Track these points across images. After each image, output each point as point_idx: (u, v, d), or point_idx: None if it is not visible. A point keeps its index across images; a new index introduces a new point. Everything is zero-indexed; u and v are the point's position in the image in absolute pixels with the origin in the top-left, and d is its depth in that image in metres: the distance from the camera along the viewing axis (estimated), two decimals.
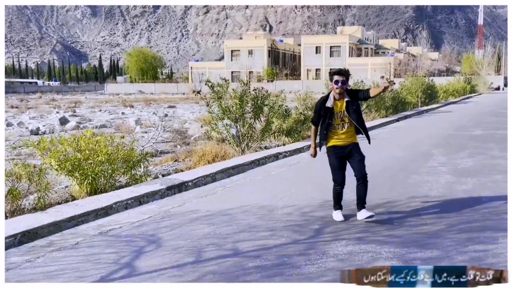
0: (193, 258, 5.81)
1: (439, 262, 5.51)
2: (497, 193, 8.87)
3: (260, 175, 11.21)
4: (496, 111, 30.40)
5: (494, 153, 13.44)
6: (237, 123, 13.78)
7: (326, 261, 5.61)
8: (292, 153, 14.06)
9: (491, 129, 19.62)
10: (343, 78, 7.11)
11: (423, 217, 7.36)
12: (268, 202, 8.50)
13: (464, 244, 6.10)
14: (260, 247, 6.11)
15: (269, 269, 5.40)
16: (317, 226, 6.99)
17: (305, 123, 16.66)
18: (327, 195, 8.75)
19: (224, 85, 13.84)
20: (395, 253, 5.84)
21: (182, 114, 34.48)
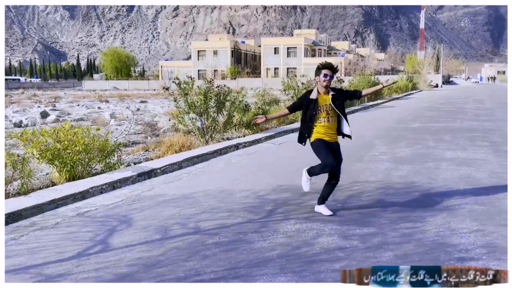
0: (160, 236, 5.96)
1: (374, 238, 5.75)
2: (428, 178, 9.17)
3: (221, 163, 11.35)
4: (433, 106, 30.92)
5: (429, 144, 13.76)
6: (201, 116, 13.87)
7: (277, 237, 5.81)
8: (251, 143, 14.21)
9: (428, 122, 20.02)
10: (332, 73, 6.78)
11: (362, 199, 7.61)
12: (228, 187, 8.65)
13: (396, 222, 6.35)
14: (219, 226, 6.28)
15: (226, 244, 5.58)
16: (270, 208, 7.17)
17: None
18: (280, 181, 9.03)
19: (189, 83, 13.94)
20: (337, 230, 6.07)
21: (153, 108, 34.31)
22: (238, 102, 15.15)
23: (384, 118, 22.73)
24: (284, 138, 15.67)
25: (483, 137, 15.04)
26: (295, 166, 10.45)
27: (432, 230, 6.04)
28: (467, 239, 5.68)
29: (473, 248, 5.38)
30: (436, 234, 5.88)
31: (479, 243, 5.56)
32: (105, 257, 5.28)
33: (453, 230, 6.01)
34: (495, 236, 5.78)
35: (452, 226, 6.19)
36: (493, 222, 6.33)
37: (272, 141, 14.91)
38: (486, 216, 6.61)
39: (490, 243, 5.55)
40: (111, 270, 4.90)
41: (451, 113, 25.19)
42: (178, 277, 4.68)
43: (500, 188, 8.23)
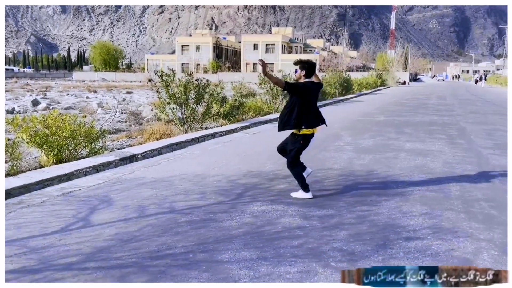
0: (136, 214, 6.12)
1: (332, 219, 5.97)
2: (386, 166, 9.41)
3: (198, 150, 11.49)
4: (399, 102, 31.22)
5: (391, 136, 14.01)
6: (181, 107, 14.02)
7: (244, 217, 6.00)
8: (227, 133, 14.37)
9: (392, 116, 20.29)
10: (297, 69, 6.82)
11: (324, 184, 7.82)
12: (202, 172, 8.81)
13: (353, 205, 6.57)
14: (191, 206, 6.45)
15: (197, 223, 5.76)
16: (240, 191, 7.35)
17: (239, 108, 17.07)
18: (250, 167, 9.21)
19: (171, 75, 14.05)
20: (299, 211, 6.28)
21: (138, 99, 34.32)
22: (216, 94, 15.30)
23: (352, 111, 22.97)
24: (259, 128, 15.85)
25: (441, 131, 15.34)
26: (266, 154, 10.66)
27: (385, 212, 6.27)
28: (416, 221, 5.91)
29: (420, 229, 5.62)
30: (388, 216, 6.11)
31: (426, 224, 5.80)
32: (86, 232, 5.44)
33: (404, 213, 6.24)
34: (441, 219, 6.02)
35: (404, 209, 6.43)
36: (441, 207, 6.57)
37: (247, 131, 15.08)
38: (435, 201, 6.86)
39: (436, 225, 5.79)
40: (90, 244, 5.07)
41: (414, 108, 25.52)
42: (151, 250, 4.86)
43: (451, 177, 8.50)
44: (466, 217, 6.14)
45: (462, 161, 10.09)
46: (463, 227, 5.76)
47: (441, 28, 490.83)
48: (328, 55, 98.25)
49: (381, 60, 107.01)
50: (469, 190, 7.56)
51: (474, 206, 6.66)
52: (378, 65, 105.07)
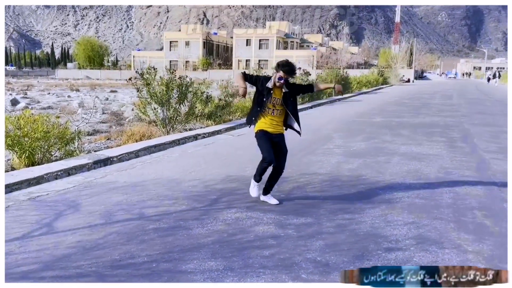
0: (103, 221, 6.23)
1: (309, 227, 6.08)
2: (376, 172, 9.53)
3: (177, 153, 11.61)
4: (399, 101, 31.38)
5: (386, 138, 14.14)
6: (163, 107, 14.14)
7: (215, 224, 6.12)
8: (211, 134, 14.48)
9: (390, 117, 20.44)
10: (287, 76, 6.84)
11: (306, 191, 7.94)
12: (178, 176, 8.94)
13: (335, 213, 6.68)
14: (162, 213, 6.57)
15: (165, 230, 5.88)
16: (215, 197, 7.47)
17: (225, 108, 17.19)
18: (230, 171, 9.34)
19: (152, 73, 14.17)
20: (275, 219, 6.39)
21: (122, 98, 34.57)
22: (200, 93, 15.42)
23: (348, 112, 23.11)
24: (244, 129, 15.92)
25: (442, 133, 15.48)
26: (249, 156, 10.78)
27: (368, 221, 6.38)
28: (400, 231, 6.02)
29: (403, 240, 5.73)
30: (371, 225, 6.23)
31: (411, 234, 5.90)
32: (47, 239, 5.56)
33: (388, 222, 6.36)
34: (428, 229, 6.13)
35: (389, 218, 6.54)
36: (429, 216, 6.68)
37: (231, 133, 15.21)
38: (424, 210, 6.98)
39: (421, 235, 5.89)
40: (50, 252, 5.18)
41: (415, 108, 25.69)
42: (113, 259, 4.97)
43: (445, 183, 8.62)
44: (455, 227, 6.24)
45: (460, 166, 10.22)
46: (451, 237, 5.86)
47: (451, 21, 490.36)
48: (326, 51, 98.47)
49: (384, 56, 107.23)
50: (463, 198, 7.67)
51: (466, 215, 6.76)
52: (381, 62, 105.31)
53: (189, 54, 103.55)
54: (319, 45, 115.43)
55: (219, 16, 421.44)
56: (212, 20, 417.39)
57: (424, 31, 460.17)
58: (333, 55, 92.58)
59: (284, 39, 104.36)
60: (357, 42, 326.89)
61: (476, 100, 33.70)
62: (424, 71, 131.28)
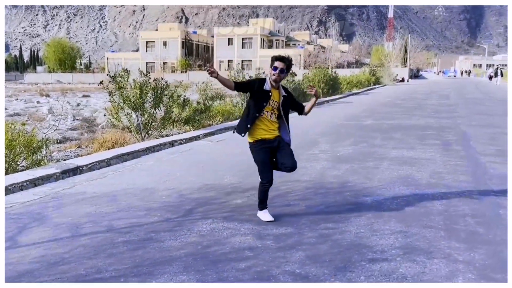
0: (69, 234, 6.30)
1: (289, 238, 6.16)
2: (363, 178, 9.65)
3: (152, 160, 11.68)
4: (392, 102, 31.60)
5: (376, 142, 14.26)
6: (137, 111, 14.18)
7: (189, 236, 6.20)
8: (188, 140, 14.54)
9: (382, 119, 20.58)
10: (283, 66, 6.74)
11: (288, 199, 8.02)
12: (152, 185, 9.02)
13: (317, 223, 6.77)
14: (133, 225, 6.64)
15: (135, 243, 5.95)
16: (190, 207, 7.55)
17: (204, 113, 17.26)
18: (207, 180, 9.40)
19: (124, 76, 14.22)
20: (253, 229, 6.48)
21: (94, 103, 34.55)
22: (176, 96, 15.49)
23: (336, 114, 23.25)
24: (224, 135, 16.04)
25: (436, 135, 15.64)
26: (228, 164, 10.88)
27: (352, 231, 6.47)
28: (386, 241, 6.12)
29: (390, 250, 5.82)
30: (356, 235, 6.32)
31: (398, 244, 6.00)
32: (10, 254, 5.64)
33: (374, 231, 6.45)
34: (416, 238, 6.23)
35: (375, 227, 6.64)
36: (418, 224, 6.78)
37: (210, 138, 15.28)
38: (413, 217, 7.08)
39: (409, 245, 5.99)
40: (12, 267, 5.25)
41: (409, 109, 25.88)
42: (78, 274, 5.04)
43: (437, 189, 8.74)
44: (446, 236, 6.34)
45: (454, 171, 10.34)
46: (441, 246, 5.96)
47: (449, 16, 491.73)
48: (314, 50, 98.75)
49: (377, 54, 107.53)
50: (455, 205, 7.78)
51: (458, 223, 6.87)
52: (373, 60, 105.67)
53: (167, 55, 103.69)
54: (306, 43, 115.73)
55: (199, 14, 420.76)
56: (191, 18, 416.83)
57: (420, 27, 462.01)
58: (321, 53, 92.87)
59: (269, 37, 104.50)
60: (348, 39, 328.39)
61: (475, 100, 33.99)
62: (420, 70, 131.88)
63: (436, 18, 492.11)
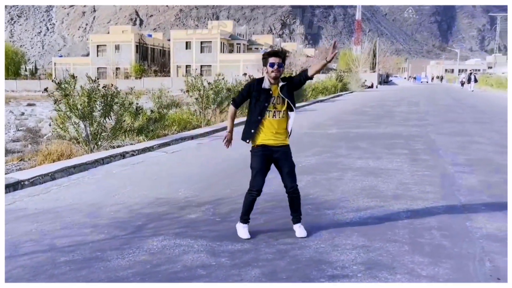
0: (7, 253, 6.22)
1: (245, 254, 6.18)
2: (326, 190, 9.73)
3: (100, 173, 11.61)
4: (360, 110, 31.89)
5: (341, 152, 14.39)
6: (85, 121, 14.08)
7: (138, 255, 6.18)
8: (140, 152, 14.46)
9: (347, 128, 20.75)
10: (280, 60, 6.70)
11: None
12: (100, 200, 8.97)
13: (275, 238, 6.81)
14: (77, 243, 6.59)
15: (79, 263, 5.90)
16: (140, 223, 7.53)
17: (158, 122, 17.20)
18: (160, 194, 9.39)
19: (71, 82, 14.12)
20: (207, 246, 6.48)
21: (40, 112, 34.16)
22: (128, 104, 15.43)
23: (300, 123, 23.22)
24: (181, 145, 16.04)
25: (404, 144, 15.84)
26: (183, 176, 10.88)
27: (312, 246, 6.52)
28: (348, 256, 6.18)
29: (351, 265, 5.88)
30: (315, 250, 6.37)
31: (360, 259, 6.06)
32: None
33: (336, 246, 6.51)
34: (379, 253, 6.30)
35: (336, 241, 6.70)
36: (382, 238, 6.86)
37: (165, 149, 15.26)
38: (377, 231, 7.16)
39: (371, 260, 6.05)
40: None
41: (377, 117, 26.15)
42: None
43: (403, 201, 8.85)
44: (410, 250, 6.43)
45: (421, 182, 10.49)
46: (404, 261, 6.03)
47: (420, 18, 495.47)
48: None
49: (344, 58, 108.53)
50: (422, 217, 7.89)
51: (423, 236, 6.96)
52: (340, 65, 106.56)
53: (119, 60, 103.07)
54: (269, 47, 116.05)
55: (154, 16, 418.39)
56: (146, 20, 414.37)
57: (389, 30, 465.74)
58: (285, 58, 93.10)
59: (230, 41, 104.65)
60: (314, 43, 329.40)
61: (446, 107, 34.47)
62: (390, 75, 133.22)
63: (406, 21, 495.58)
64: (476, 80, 68.33)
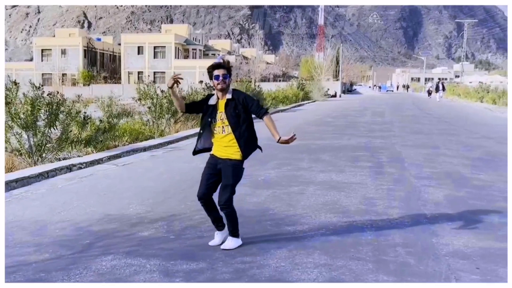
0: None
1: (201, 274, 6.16)
2: (286, 205, 9.76)
3: (45, 188, 11.47)
4: (322, 120, 32.09)
5: (302, 165, 14.47)
6: (28, 131, 13.92)
7: (85, 276, 6.11)
8: (89, 164, 14.33)
9: (309, 139, 20.82)
10: (224, 71, 6.96)
11: (201, 230, 8.03)
12: (43, 217, 8.85)
13: (233, 256, 6.80)
14: (19, 264, 6.50)
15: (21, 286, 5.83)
16: (88, 241, 7.45)
17: (107, 132, 17.07)
18: (109, 209, 9.32)
19: (13, 89, 13.97)
20: (160, 266, 6.44)
21: None
22: (75, 113, 15.30)
23: (259, 134, 23.32)
24: (132, 157, 15.96)
25: (369, 157, 15.96)
26: (135, 191, 10.82)
27: (271, 264, 6.53)
28: (309, 275, 6.20)
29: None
30: (275, 269, 6.38)
31: (321, 279, 6.09)
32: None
33: (296, 265, 6.53)
34: (342, 271, 6.34)
35: (297, 260, 6.71)
36: (345, 256, 6.91)
37: (116, 161, 15.16)
38: (340, 248, 7.20)
39: (333, 279, 6.09)
40: None
41: (341, 128, 26.32)
42: None
43: (367, 217, 8.92)
44: (373, 268, 6.48)
45: (387, 196, 10.59)
46: (368, 280, 6.08)
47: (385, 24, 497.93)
48: (236, 61, 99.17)
49: (306, 65, 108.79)
50: (386, 234, 7.96)
51: (388, 254, 7.03)
52: (302, 73, 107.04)
53: (66, 65, 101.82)
54: (227, 53, 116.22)
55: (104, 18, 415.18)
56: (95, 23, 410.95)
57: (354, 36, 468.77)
58: (244, 65, 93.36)
59: (185, 46, 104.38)
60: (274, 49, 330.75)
61: (412, 118, 34.82)
62: (354, 84, 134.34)
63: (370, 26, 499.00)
64: (444, 88, 69.12)
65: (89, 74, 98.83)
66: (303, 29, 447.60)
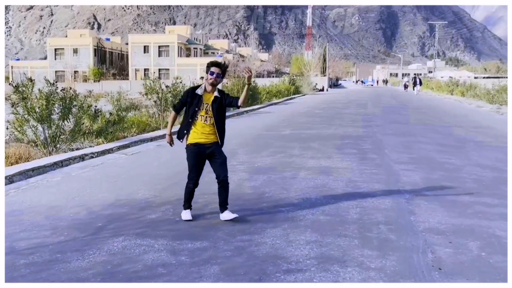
0: None
1: (204, 252, 6.10)
2: (280, 188, 9.71)
3: (59, 176, 11.33)
4: (312, 112, 32.03)
5: (294, 152, 14.40)
6: (43, 124, 13.81)
7: (98, 255, 6.02)
8: (100, 154, 14.21)
9: (300, 129, 20.80)
10: (220, 70, 7.32)
11: (205, 212, 7.96)
12: (59, 203, 8.74)
13: (233, 235, 6.76)
14: (36, 245, 6.40)
15: (39, 265, 5.73)
16: (101, 224, 7.36)
17: (117, 124, 16.97)
18: (120, 195, 9.22)
19: (28, 85, 13.85)
20: (167, 245, 6.37)
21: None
22: (87, 107, 15.19)
23: (255, 125, 23.30)
24: (140, 147, 15.86)
25: (354, 144, 15.92)
26: (143, 178, 10.73)
27: (268, 242, 6.48)
28: (301, 251, 6.16)
29: (305, 260, 5.86)
30: (271, 246, 6.33)
31: (313, 254, 6.05)
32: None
33: (290, 242, 6.49)
34: (331, 247, 6.31)
35: (290, 237, 6.67)
36: (333, 233, 6.87)
37: (125, 151, 15.04)
38: (329, 227, 7.17)
39: (323, 254, 6.05)
40: None
41: (328, 118, 26.25)
42: None
43: (352, 198, 8.89)
44: (359, 244, 6.46)
45: (369, 179, 10.57)
46: (354, 255, 6.06)
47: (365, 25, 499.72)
48: (234, 59, 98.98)
49: (296, 63, 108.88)
50: (370, 213, 7.95)
51: (372, 231, 7.02)
52: (293, 70, 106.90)
53: (78, 63, 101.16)
54: (225, 52, 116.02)
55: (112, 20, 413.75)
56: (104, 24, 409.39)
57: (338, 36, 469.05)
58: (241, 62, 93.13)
59: (187, 45, 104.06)
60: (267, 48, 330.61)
61: (391, 109, 34.94)
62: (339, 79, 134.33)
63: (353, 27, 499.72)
64: (421, 83, 69.21)
65: (99, 71, 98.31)
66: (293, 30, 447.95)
